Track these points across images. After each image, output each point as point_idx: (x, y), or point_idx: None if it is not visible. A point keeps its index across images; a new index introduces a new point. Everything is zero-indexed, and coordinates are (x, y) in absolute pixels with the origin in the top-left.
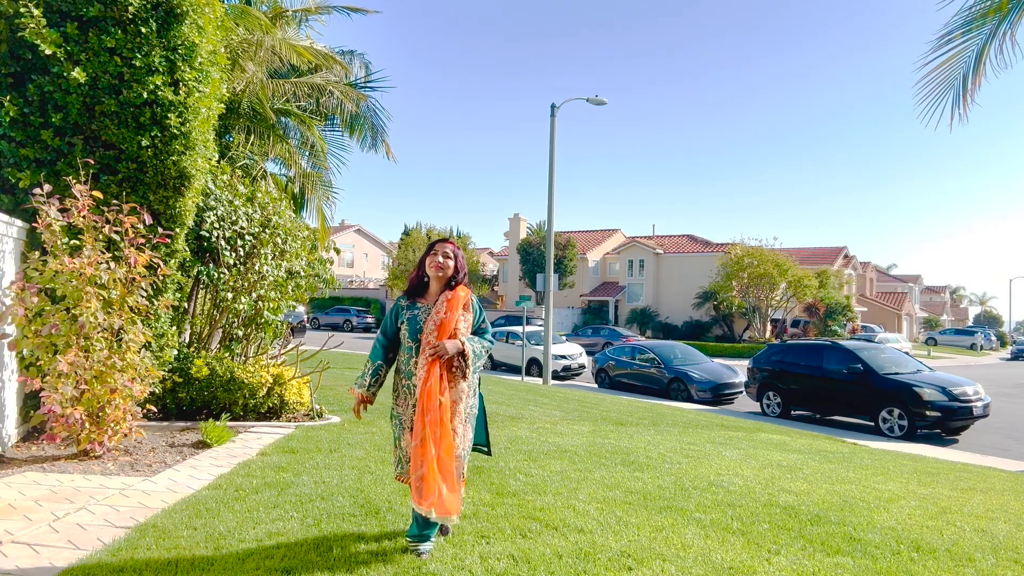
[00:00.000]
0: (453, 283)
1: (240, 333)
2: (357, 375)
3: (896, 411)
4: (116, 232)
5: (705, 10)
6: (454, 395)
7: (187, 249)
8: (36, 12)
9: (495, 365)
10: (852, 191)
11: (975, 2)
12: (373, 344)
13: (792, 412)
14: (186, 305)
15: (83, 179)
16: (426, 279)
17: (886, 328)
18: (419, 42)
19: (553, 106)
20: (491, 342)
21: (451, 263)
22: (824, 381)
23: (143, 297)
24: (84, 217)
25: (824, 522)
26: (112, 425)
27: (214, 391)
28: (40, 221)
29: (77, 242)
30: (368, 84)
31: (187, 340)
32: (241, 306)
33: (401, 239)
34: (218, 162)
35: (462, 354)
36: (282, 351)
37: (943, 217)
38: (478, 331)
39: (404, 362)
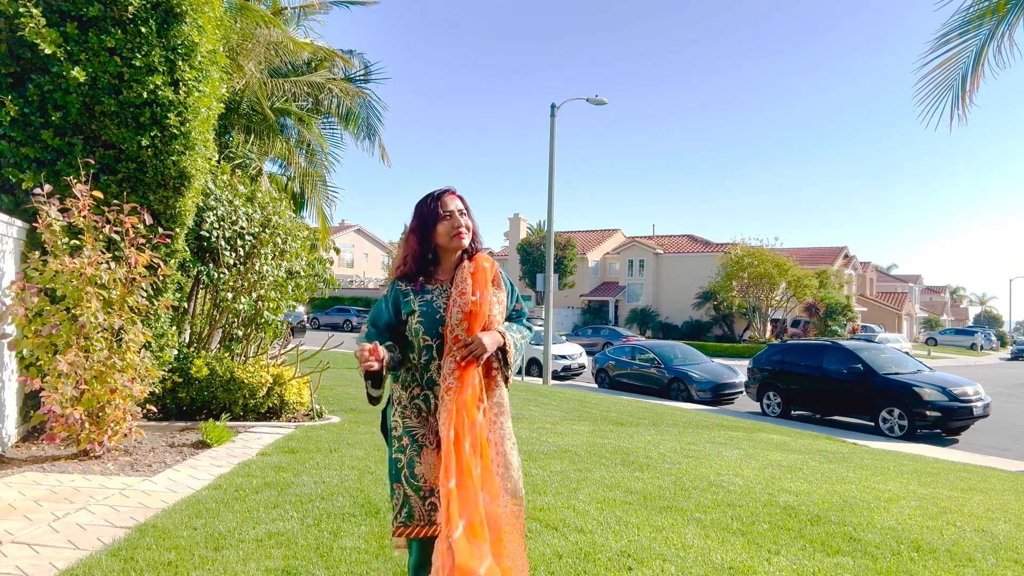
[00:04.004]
0: (470, 251)
1: (240, 333)
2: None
3: (896, 411)
4: (116, 232)
5: (705, 10)
6: (492, 408)
7: (187, 249)
8: (36, 12)
9: None
10: (852, 191)
11: (973, 3)
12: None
13: (792, 412)
14: (186, 305)
15: (83, 179)
16: (431, 255)
17: (886, 328)
18: (419, 42)
19: (553, 106)
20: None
21: (471, 223)
22: (824, 381)
23: (143, 297)
24: (84, 217)
25: (824, 522)
26: (112, 425)
27: (214, 391)
28: (40, 221)
29: (77, 242)
30: (365, 77)
31: (187, 340)
32: (241, 306)
33: (401, 239)
34: (218, 162)
35: (502, 349)
36: (282, 351)
37: (943, 217)
38: (513, 315)
39: (420, 367)
